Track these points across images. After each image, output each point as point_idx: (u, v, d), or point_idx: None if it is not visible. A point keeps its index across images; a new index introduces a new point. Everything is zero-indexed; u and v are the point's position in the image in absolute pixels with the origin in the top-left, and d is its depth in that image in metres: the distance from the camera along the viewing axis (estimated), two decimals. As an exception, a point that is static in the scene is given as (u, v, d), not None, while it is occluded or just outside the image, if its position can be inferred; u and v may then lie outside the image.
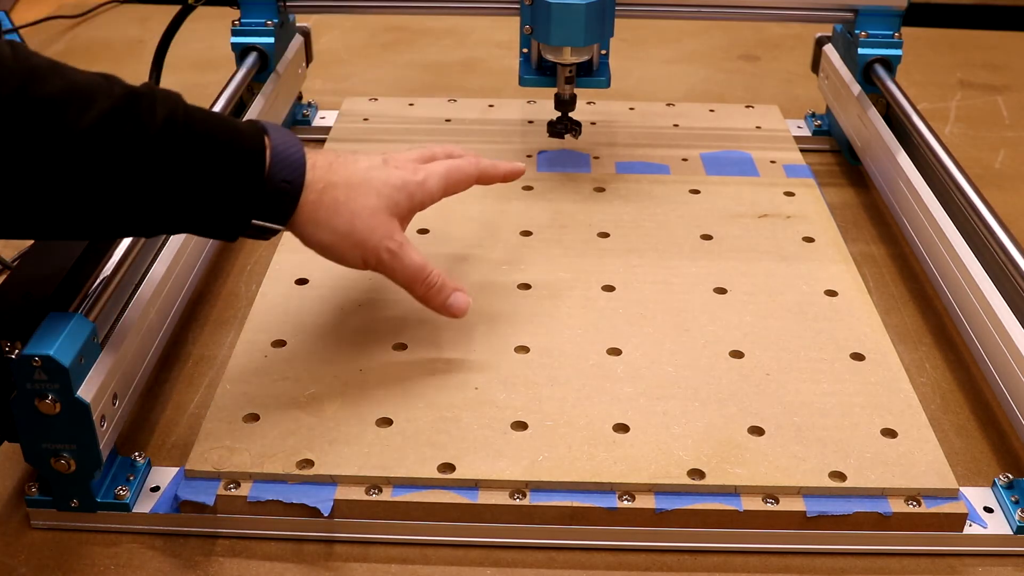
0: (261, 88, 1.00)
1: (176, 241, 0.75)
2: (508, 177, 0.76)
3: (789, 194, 0.95)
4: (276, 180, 0.60)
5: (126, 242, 0.68)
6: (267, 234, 0.62)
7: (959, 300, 0.76)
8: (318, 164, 0.63)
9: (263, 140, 0.60)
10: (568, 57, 0.91)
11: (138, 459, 0.65)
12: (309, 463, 0.63)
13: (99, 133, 0.53)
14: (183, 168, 0.56)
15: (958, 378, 0.77)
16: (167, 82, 1.09)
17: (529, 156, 1.02)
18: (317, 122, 1.12)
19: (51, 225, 0.56)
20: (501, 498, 0.61)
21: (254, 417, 0.67)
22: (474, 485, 0.62)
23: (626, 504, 0.61)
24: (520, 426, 0.66)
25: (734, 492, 0.62)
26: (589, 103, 1.13)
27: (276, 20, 1.02)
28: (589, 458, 0.63)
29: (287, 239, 0.86)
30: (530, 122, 1.09)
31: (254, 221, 0.60)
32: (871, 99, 0.99)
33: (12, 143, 0.51)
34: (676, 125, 1.10)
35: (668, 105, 1.14)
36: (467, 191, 0.94)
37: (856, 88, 1.01)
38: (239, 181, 0.58)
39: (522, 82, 0.96)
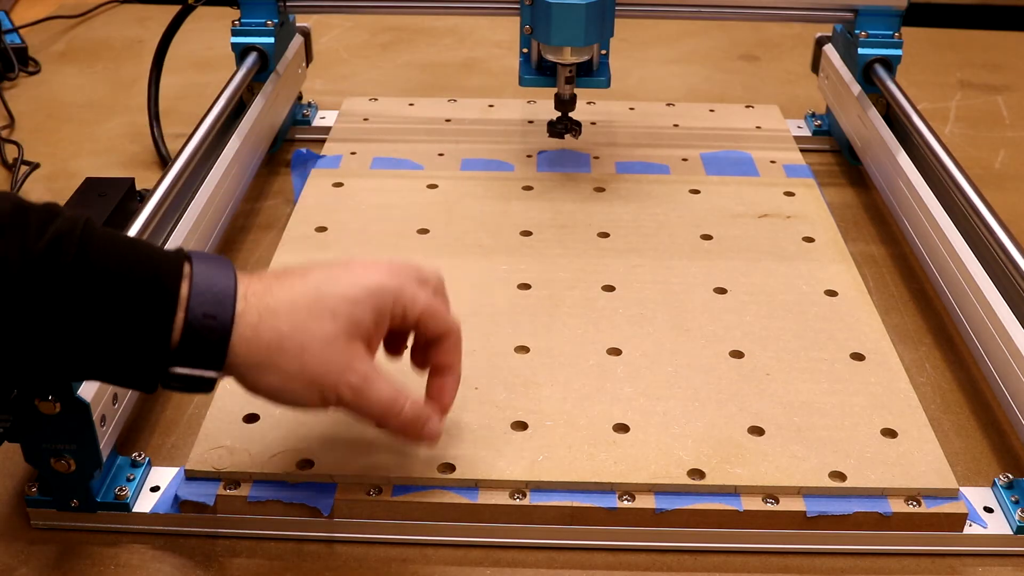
0: (261, 88, 1.00)
1: (176, 241, 0.75)
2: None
3: (789, 194, 0.95)
4: (197, 314, 0.49)
5: (126, 242, 0.68)
6: (202, 385, 0.51)
7: (959, 300, 0.76)
8: (252, 290, 0.51)
9: (181, 267, 0.50)
10: (568, 57, 0.91)
11: (138, 459, 0.65)
12: (309, 463, 0.63)
13: None
14: (72, 304, 0.46)
15: (958, 378, 0.77)
16: (167, 82, 1.09)
17: (529, 156, 1.02)
18: (317, 122, 1.12)
19: None
20: (501, 498, 0.61)
21: (254, 417, 0.67)
22: (474, 485, 0.62)
23: (626, 504, 0.61)
24: (520, 426, 0.66)
25: (734, 492, 0.62)
26: (589, 103, 1.13)
27: (276, 20, 1.01)
28: (589, 458, 0.63)
29: (287, 241, 0.87)
30: (530, 122, 1.09)
31: (176, 370, 0.50)
32: (871, 99, 0.99)
33: None
34: (676, 125, 1.10)
35: (668, 105, 1.14)
36: (467, 191, 0.94)
37: (856, 88, 1.01)
38: (146, 319, 0.48)
39: (522, 82, 0.96)
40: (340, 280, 0.53)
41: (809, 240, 0.88)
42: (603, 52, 0.95)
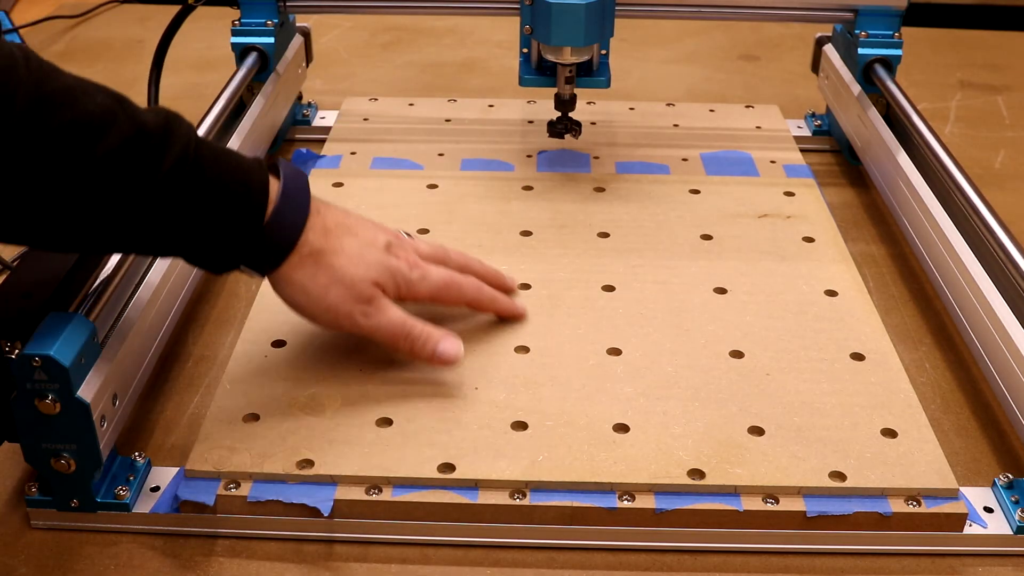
0: (261, 88, 1.00)
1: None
2: (504, 314, 0.75)
3: (789, 194, 0.95)
4: (271, 232, 0.61)
5: (126, 242, 0.68)
6: (252, 274, 0.63)
7: (959, 300, 0.76)
8: (314, 227, 0.63)
9: (267, 189, 0.60)
10: (568, 57, 0.91)
11: (138, 459, 0.65)
12: (309, 463, 0.63)
13: (110, 165, 0.53)
14: (187, 208, 0.57)
15: (958, 378, 0.77)
16: (167, 82, 1.08)
17: (529, 156, 1.02)
18: (317, 122, 1.12)
19: (45, 237, 0.56)
20: (501, 498, 0.61)
21: (254, 417, 0.67)
22: (474, 485, 0.62)
23: (626, 504, 0.61)
24: (520, 426, 0.66)
25: (734, 492, 0.62)
26: (589, 103, 1.13)
27: (276, 20, 1.02)
28: (589, 458, 0.63)
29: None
30: (530, 122, 1.09)
31: (241, 267, 0.62)
32: (871, 99, 0.99)
33: (21, 162, 0.51)
34: (676, 125, 1.10)
35: (668, 105, 1.14)
36: (467, 191, 0.94)
37: (856, 88, 1.01)
38: (237, 230, 0.59)
39: (522, 82, 0.96)
40: (381, 253, 0.66)
41: (809, 240, 0.88)
42: (603, 52, 0.95)
